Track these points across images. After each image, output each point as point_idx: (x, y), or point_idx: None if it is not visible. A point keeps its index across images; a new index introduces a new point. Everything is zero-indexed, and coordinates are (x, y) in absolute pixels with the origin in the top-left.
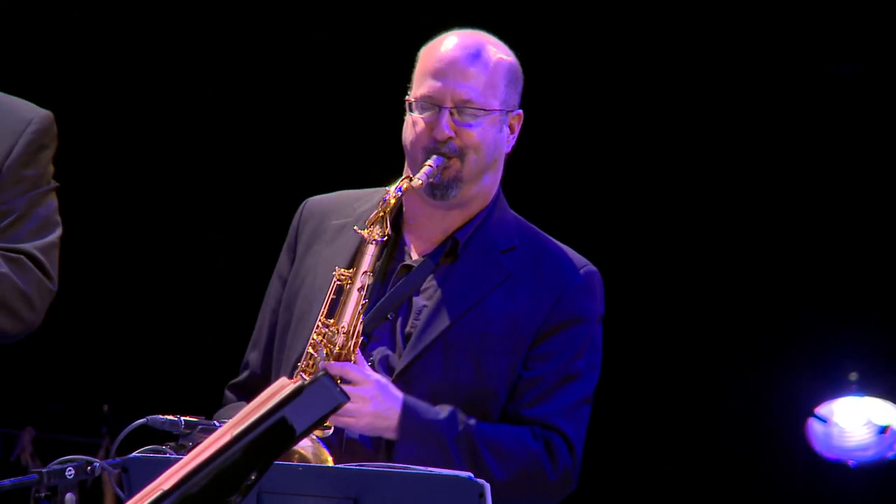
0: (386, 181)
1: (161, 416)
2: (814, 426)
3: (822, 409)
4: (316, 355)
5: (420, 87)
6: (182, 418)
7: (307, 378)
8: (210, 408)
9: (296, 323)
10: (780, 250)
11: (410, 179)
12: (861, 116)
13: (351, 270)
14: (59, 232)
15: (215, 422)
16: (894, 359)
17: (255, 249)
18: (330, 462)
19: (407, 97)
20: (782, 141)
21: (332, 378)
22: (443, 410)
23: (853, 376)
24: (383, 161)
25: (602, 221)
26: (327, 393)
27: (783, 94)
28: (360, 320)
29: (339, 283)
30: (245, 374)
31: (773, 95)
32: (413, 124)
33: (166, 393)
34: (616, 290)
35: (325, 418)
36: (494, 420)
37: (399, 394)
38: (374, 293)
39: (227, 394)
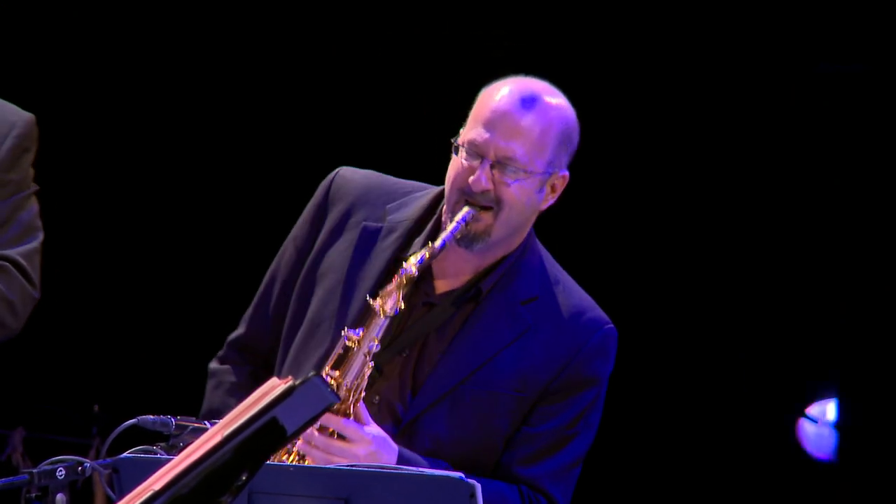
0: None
1: (152, 417)
2: (805, 427)
3: (813, 410)
4: None
5: (469, 132)
6: (173, 419)
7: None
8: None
9: (307, 328)
10: (771, 248)
11: (432, 250)
12: (849, 115)
13: (360, 335)
14: (41, 237)
15: (206, 422)
16: (884, 359)
17: (245, 250)
18: None
19: (457, 138)
20: (771, 140)
21: (322, 378)
22: (436, 467)
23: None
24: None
25: (595, 221)
26: (318, 393)
27: (770, 92)
28: (364, 383)
29: (347, 344)
30: (246, 330)
31: (761, 94)
32: (456, 166)
33: (157, 393)
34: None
35: (315, 419)
36: (489, 470)
37: (395, 448)
38: (390, 327)
39: (227, 349)
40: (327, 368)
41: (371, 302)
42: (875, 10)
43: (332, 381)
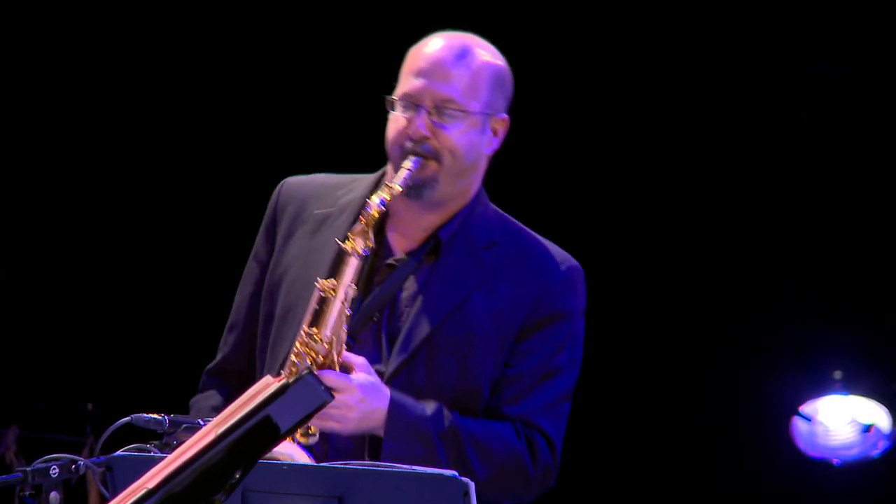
0: (361, 168)
1: (145, 415)
2: (798, 425)
3: (806, 408)
4: (299, 364)
5: (402, 85)
6: (166, 417)
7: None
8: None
9: (280, 317)
10: (765, 248)
11: (391, 188)
12: (843, 115)
13: (334, 282)
14: None
15: (199, 420)
16: (878, 357)
17: (239, 248)
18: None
19: (387, 97)
20: (764, 140)
21: (316, 377)
22: (429, 406)
23: (837, 375)
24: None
25: (589, 219)
26: (311, 391)
27: (762, 92)
28: (344, 331)
29: (322, 294)
30: (220, 355)
31: (753, 94)
32: (393, 123)
33: (151, 391)
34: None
35: (309, 417)
36: (478, 416)
37: (386, 391)
38: (359, 292)
39: (205, 378)
40: (305, 326)
41: (341, 244)
42: (866, 10)
43: (311, 340)
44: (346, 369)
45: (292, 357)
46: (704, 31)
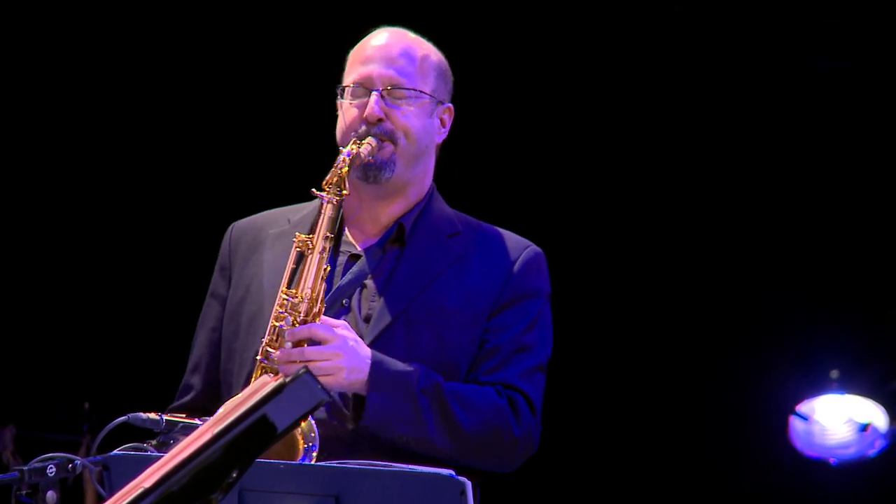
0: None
1: (142, 414)
2: (795, 424)
3: (803, 407)
4: (282, 325)
5: (350, 75)
6: (163, 416)
7: (273, 351)
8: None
9: (246, 326)
10: (761, 247)
11: (359, 145)
12: (845, 113)
13: (310, 235)
14: None
15: (196, 420)
16: (875, 357)
17: None
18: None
19: (337, 88)
20: (765, 138)
21: (313, 375)
22: (410, 365)
23: (834, 374)
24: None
25: (593, 223)
26: (308, 390)
27: (767, 89)
28: (323, 285)
29: (298, 249)
30: (188, 396)
31: (757, 91)
32: (345, 113)
33: (147, 391)
34: (599, 290)
35: (306, 415)
36: None
37: (367, 349)
38: (326, 283)
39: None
40: (282, 289)
41: (316, 192)
42: (869, 8)
43: (292, 300)
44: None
45: (273, 322)
46: (710, 32)
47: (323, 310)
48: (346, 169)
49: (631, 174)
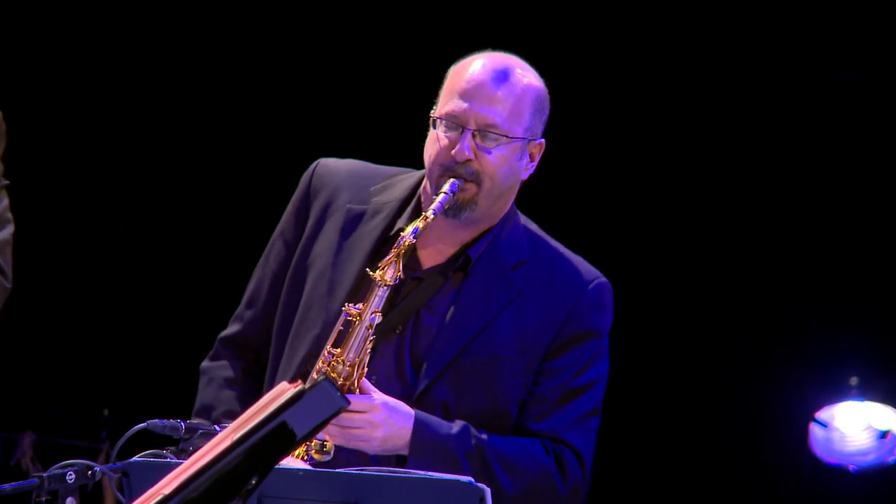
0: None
1: (162, 421)
2: (814, 431)
3: (822, 414)
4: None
5: (446, 105)
6: (183, 422)
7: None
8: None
9: (301, 314)
10: (780, 254)
11: (426, 219)
12: (860, 120)
13: (361, 308)
14: (11, 229)
15: (215, 426)
16: (894, 363)
17: (255, 253)
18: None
19: (432, 113)
20: (781, 144)
21: (332, 383)
22: (455, 425)
23: (853, 381)
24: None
25: (604, 224)
26: (327, 398)
27: (783, 97)
28: (367, 356)
29: (348, 317)
30: (238, 327)
31: (773, 98)
32: (435, 141)
33: (167, 397)
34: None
35: (325, 423)
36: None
37: (410, 411)
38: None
39: (219, 346)
40: (328, 346)
41: (371, 273)
42: (882, 17)
43: (335, 359)
44: (363, 393)
45: (314, 375)
46: (723, 36)
47: (363, 377)
48: (407, 246)
49: (651, 183)
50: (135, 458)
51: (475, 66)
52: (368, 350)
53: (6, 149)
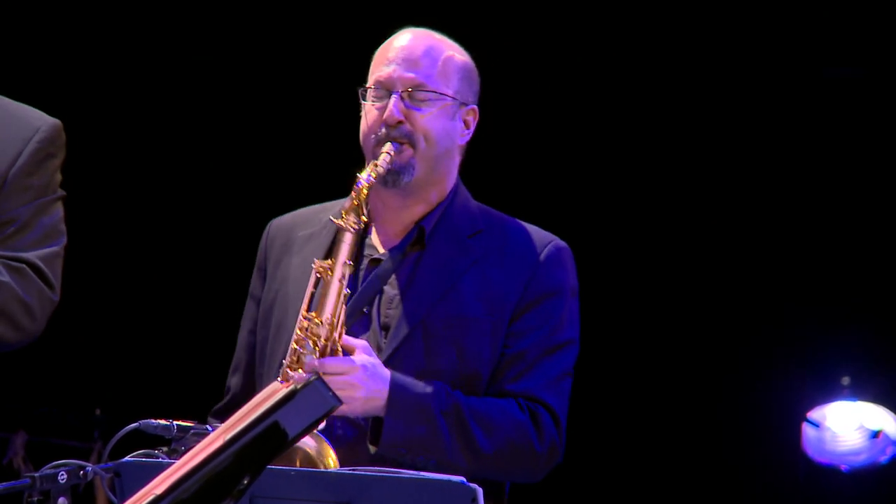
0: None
1: (154, 421)
2: (806, 431)
3: (814, 414)
4: (301, 350)
5: (372, 76)
6: (175, 423)
7: (292, 374)
8: (203, 412)
9: (274, 332)
10: (773, 254)
11: (376, 166)
12: (855, 119)
13: (329, 261)
14: (63, 242)
15: (208, 426)
16: (886, 363)
17: (249, 254)
18: (333, 457)
19: (359, 89)
20: (776, 143)
21: (324, 382)
22: (431, 385)
23: (845, 381)
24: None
25: (602, 224)
26: (319, 397)
27: (777, 96)
28: (343, 310)
29: (318, 275)
30: (227, 398)
31: (767, 97)
32: (366, 114)
33: (159, 397)
34: (610, 295)
35: (317, 422)
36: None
37: (387, 372)
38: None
39: (211, 420)
40: (303, 311)
41: (335, 220)
42: (878, 15)
43: (311, 323)
44: (347, 352)
45: (293, 345)
46: (718, 35)
47: (343, 333)
48: (365, 193)
49: (645, 180)
50: (127, 458)
51: (399, 38)
52: (344, 303)
53: (65, 160)
